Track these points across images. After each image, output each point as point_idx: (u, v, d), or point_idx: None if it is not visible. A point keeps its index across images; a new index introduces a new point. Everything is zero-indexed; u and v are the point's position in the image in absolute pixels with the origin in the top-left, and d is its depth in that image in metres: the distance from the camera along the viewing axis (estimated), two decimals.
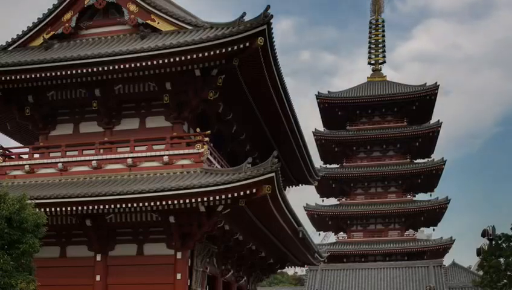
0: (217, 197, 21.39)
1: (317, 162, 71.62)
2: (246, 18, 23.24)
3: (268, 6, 22.09)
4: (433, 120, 71.86)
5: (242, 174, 21.26)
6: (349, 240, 72.90)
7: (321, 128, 74.35)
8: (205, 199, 21.44)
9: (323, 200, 75.97)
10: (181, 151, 24.73)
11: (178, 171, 24.21)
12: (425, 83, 71.55)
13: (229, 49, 22.52)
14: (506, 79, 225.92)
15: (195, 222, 22.97)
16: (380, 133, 71.60)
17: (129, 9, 26.53)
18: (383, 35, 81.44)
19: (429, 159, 72.87)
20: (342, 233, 75.39)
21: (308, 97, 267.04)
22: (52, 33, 27.16)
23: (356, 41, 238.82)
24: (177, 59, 23.09)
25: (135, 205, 21.95)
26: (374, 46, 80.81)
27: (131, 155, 25.10)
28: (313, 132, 72.01)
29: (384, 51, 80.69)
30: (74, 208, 22.30)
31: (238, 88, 24.78)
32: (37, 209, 18.78)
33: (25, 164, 26.13)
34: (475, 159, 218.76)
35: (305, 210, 72.10)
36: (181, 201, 21.55)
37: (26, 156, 26.83)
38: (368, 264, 62.08)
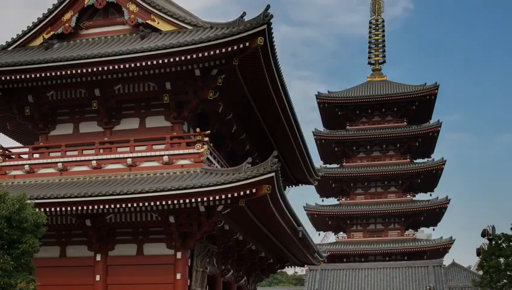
0: (217, 197, 21.38)
1: (317, 162, 71.72)
2: (246, 18, 23.23)
3: (268, 6, 22.07)
4: (433, 120, 72.03)
5: (242, 174, 21.25)
6: (349, 240, 72.89)
7: (321, 128, 74.47)
8: (205, 199, 21.43)
9: (323, 200, 76.16)
10: (181, 151, 24.73)
11: (178, 171, 24.21)
12: (425, 83, 71.58)
13: (229, 49, 22.50)
14: None
15: (195, 221, 22.96)
16: (379, 133, 71.59)
17: (129, 9, 26.52)
18: (383, 35, 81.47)
19: (429, 159, 72.92)
20: (341, 233, 75.44)
21: None
22: (52, 33, 27.14)
23: None
24: (177, 59, 23.08)
25: (135, 205, 21.95)
26: (373, 45, 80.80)
27: (131, 155, 25.09)
28: (313, 132, 72.06)
29: (384, 51, 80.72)
30: (74, 208, 22.30)
31: (238, 88, 24.77)
32: (37, 209, 18.79)
33: (25, 164, 26.13)
34: None
35: (305, 210, 72.14)
36: (181, 201, 21.55)
37: (26, 156, 26.83)
38: (367, 264, 62.05)
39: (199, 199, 21.46)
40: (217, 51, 22.66)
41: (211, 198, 21.42)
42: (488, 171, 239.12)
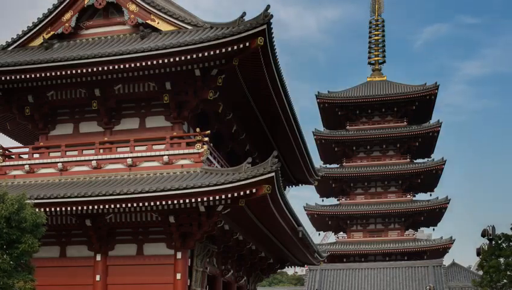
0: (217, 197, 21.38)
1: (317, 161, 71.70)
2: (246, 18, 23.24)
3: (268, 6, 22.08)
4: (433, 120, 72.04)
5: (242, 174, 21.24)
6: (349, 240, 72.90)
7: (321, 128, 74.49)
8: (205, 199, 21.43)
9: (323, 200, 76.22)
10: (181, 151, 24.73)
11: (178, 171, 24.21)
12: (425, 83, 71.62)
13: (229, 49, 22.50)
14: None
15: (195, 221, 22.96)
16: (379, 133, 71.60)
17: (129, 9, 26.52)
18: (383, 35, 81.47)
19: (429, 159, 72.93)
20: (341, 233, 75.45)
21: None
22: (52, 33, 27.15)
23: None
24: (177, 59, 23.08)
25: (135, 205, 21.95)
26: (373, 45, 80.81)
27: (131, 155, 25.10)
28: (313, 132, 72.07)
29: (384, 51, 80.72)
30: (74, 208, 22.30)
31: (238, 88, 24.77)
32: (37, 209, 18.79)
33: (25, 164, 26.14)
34: None
35: (305, 210, 72.16)
36: (181, 201, 21.55)
37: (26, 156, 26.83)
38: (367, 264, 62.07)
39: (199, 199, 21.46)
40: (217, 51, 22.66)
41: (211, 198, 21.42)
42: (489, 170, 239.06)
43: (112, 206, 22.12)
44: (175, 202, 21.61)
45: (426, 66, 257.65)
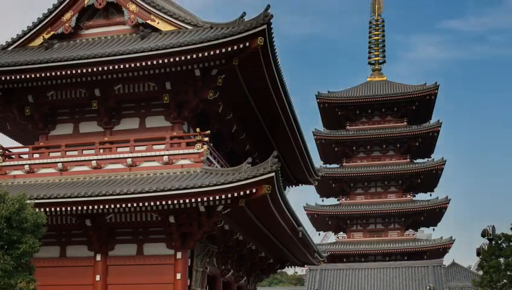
0: (217, 197, 21.40)
1: (317, 161, 71.71)
2: (246, 18, 23.25)
3: (268, 6, 22.09)
4: (433, 120, 72.10)
5: (242, 174, 21.25)
6: (349, 240, 72.95)
7: (321, 128, 74.52)
8: (205, 199, 21.44)
9: (323, 200, 76.25)
10: (181, 151, 24.74)
11: (178, 171, 24.22)
12: (425, 83, 71.70)
13: (229, 49, 22.51)
14: None
15: (195, 221, 22.98)
16: (379, 133, 71.65)
17: (129, 9, 26.53)
18: (383, 35, 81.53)
19: (429, 159, 72.99)
20: (341, 233, 75.50)
21: None
22: (52, 33, 27.15)
23: None
24: (177, 59, 23.10)
25: (135, 205, 21.96)
26: (374, 46, 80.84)
27: (131, 155, 25.11)
28: (313, 132, 72.10)
29: (384, 51, 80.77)
30: (74, 208, 22.31)
31: (238, 88, 24.78)
32: (37, 209, 18.80)
33: (25, 164, 26.14)
34: None
35: (305, 210, 72.20)
36: (181, 201, 21.56)
37: (26, 156, 26.84)
38: (367, 264, 62.12)
39: (199, 199, 21.47)
40: (217, 51, 22.67)
41: (211, 198, 21.43)
42: (489, 170, 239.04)
43: (112, 206, 22.14)
44: (175, 202, 21.63)
45: None
